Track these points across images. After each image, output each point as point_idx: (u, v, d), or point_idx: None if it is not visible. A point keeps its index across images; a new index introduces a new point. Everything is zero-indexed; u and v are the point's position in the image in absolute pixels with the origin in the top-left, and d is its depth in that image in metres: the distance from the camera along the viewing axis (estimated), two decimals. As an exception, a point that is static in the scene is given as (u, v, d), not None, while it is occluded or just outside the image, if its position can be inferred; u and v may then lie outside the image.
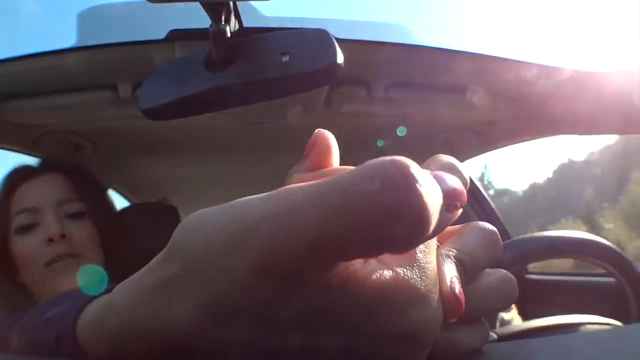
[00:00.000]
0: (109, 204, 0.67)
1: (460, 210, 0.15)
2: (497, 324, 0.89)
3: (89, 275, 0.59)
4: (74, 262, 0.54)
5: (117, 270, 0.52)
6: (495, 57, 0.73)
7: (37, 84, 0.78)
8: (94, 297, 0.21)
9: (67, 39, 0.69)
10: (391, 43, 0.72)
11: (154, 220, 0.94)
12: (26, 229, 0.53)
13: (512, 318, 0.91)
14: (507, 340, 0.52)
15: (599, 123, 0.77)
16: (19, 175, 0.58)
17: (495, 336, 0.53)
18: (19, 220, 0.53)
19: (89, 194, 0.60)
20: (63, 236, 0.53)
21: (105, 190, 0.67)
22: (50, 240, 0.52)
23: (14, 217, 0.54)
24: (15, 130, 0.93)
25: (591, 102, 0.72)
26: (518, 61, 0.72)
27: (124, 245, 0.62)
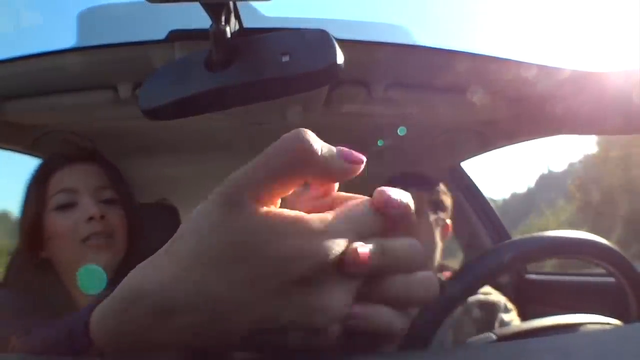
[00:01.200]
0: (134, 195, 0.72)
1: (358, 167, 0.21)
2: (497, 324, 0.89)
3: (89, 275, 0.60)
4: (108, 241, 0.59)
5: (135, 259, 0.54)
6: (495, 57, 0.73)
7: (38, 85, 0.78)
8: (103, 299, 0.22)
9: (67, 39, 0.69)
10: (391, 43, 0.72)
11: (154, 220, 0.94)
12: (65, 207, 0.57)
13: (512, 319, 0.91)
14: (507, 340, 0.52)
15: (599, 123, 0.77)
16: (56, 161, 0.62)
17: (494, 337, 0.53)
18: (57, 199, 0.57)
19: (121, 184, 0.65)
20: (102, 217, 0.58)
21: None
22: (91, 218, 0.57)
23: (51, 197, 0.57)
24: (15, 130, 0.93)
25: (591, 102, 0.72)
26: (518, 61, 0.72)
27: (144, 235, 0.67)
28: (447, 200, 0.96)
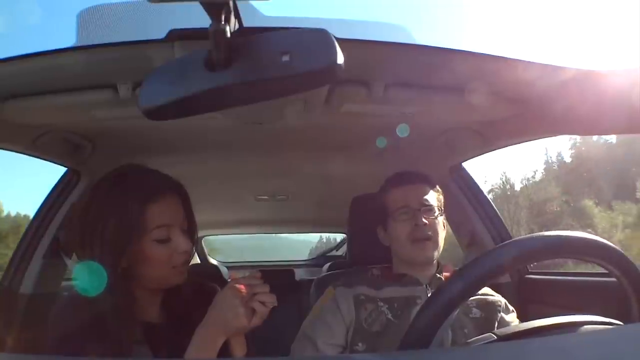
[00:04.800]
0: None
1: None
2: (497, 324, 0.89)
3: (86, 273, 0.65)
4: (187, 266, 0.74)
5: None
6: (496, 57, 0.73)
7: (37, 84, 0.78)
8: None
9: (67, 39, 0.69)
10: (391, 43, 0.72)
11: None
12: (163, 241, 0.70)
13: (512, 319, 0.90)
14: (507, 340, 0.52)
15: (599, 123, 0.77)
16: (153, 192, 0.70)
17: (494, 337, 0.53)
18: (156, 234, 0.69)
19: (191, 213, 0.76)
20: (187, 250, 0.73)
21: None
22: (184, 252, 0.72)
23: (151, 231, 0.68)
24: (15, 130, 0.93)
25: (592, 101, 0.72)
26: (518, 60, 0.71)
27: None
28: (442, 198, 0.97)
